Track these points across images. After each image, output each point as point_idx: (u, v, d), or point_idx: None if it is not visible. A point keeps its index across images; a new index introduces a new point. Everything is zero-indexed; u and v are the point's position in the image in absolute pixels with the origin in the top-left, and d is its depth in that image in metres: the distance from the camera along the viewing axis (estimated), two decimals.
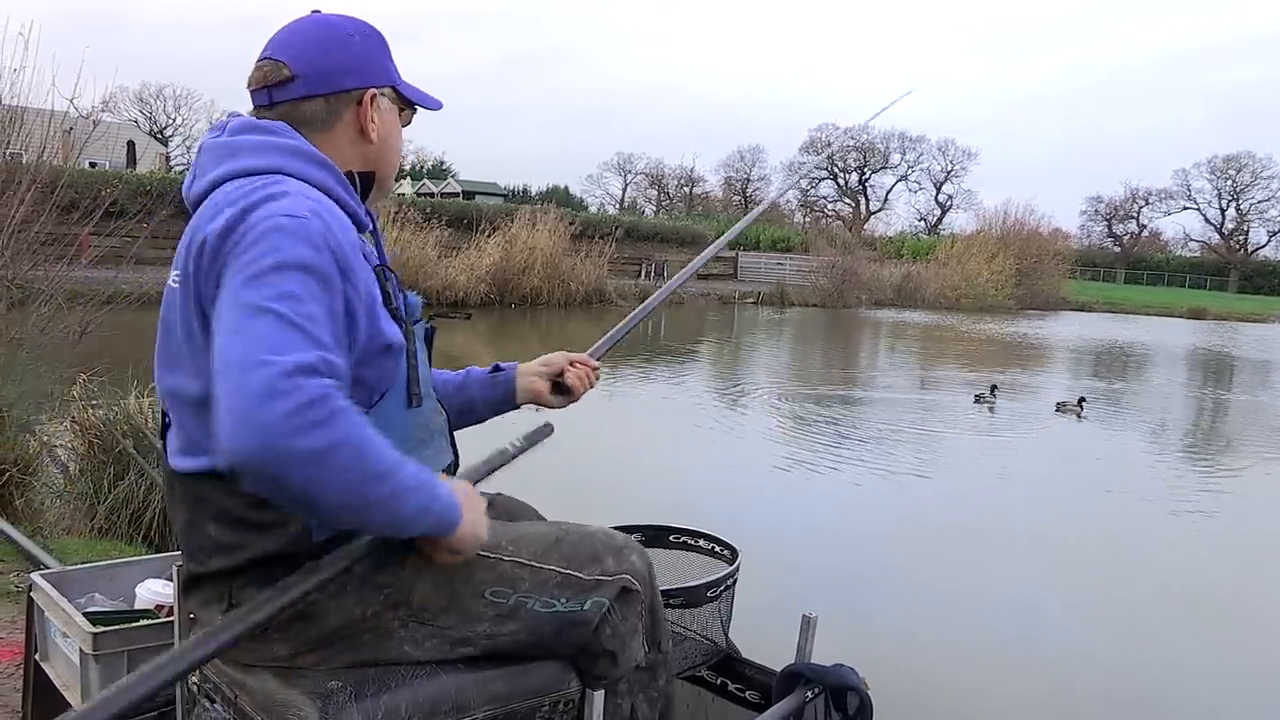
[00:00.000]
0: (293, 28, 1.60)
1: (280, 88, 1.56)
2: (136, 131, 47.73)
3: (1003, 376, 16.89)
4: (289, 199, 1.41)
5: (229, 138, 1.53)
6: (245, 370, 1.24)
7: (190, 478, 1.49)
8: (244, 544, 1.47)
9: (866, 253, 45.85)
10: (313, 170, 1.51)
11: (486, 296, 25.76)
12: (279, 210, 1.38)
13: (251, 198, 1.40)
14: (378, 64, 1.63)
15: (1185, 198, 77.89)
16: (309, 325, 1.30)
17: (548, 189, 69.86)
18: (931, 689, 4.64)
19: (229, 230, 1.37)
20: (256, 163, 1.48)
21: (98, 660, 1.97)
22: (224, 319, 1.31)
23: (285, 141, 1.51)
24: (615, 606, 1.70)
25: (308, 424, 1.22)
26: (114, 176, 20.65)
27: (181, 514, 1.54)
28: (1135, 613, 6.03)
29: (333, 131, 1.58)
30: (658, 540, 2.55)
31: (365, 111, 1.60)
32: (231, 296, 1.32)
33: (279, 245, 1.34)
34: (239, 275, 1.33)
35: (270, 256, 1.33)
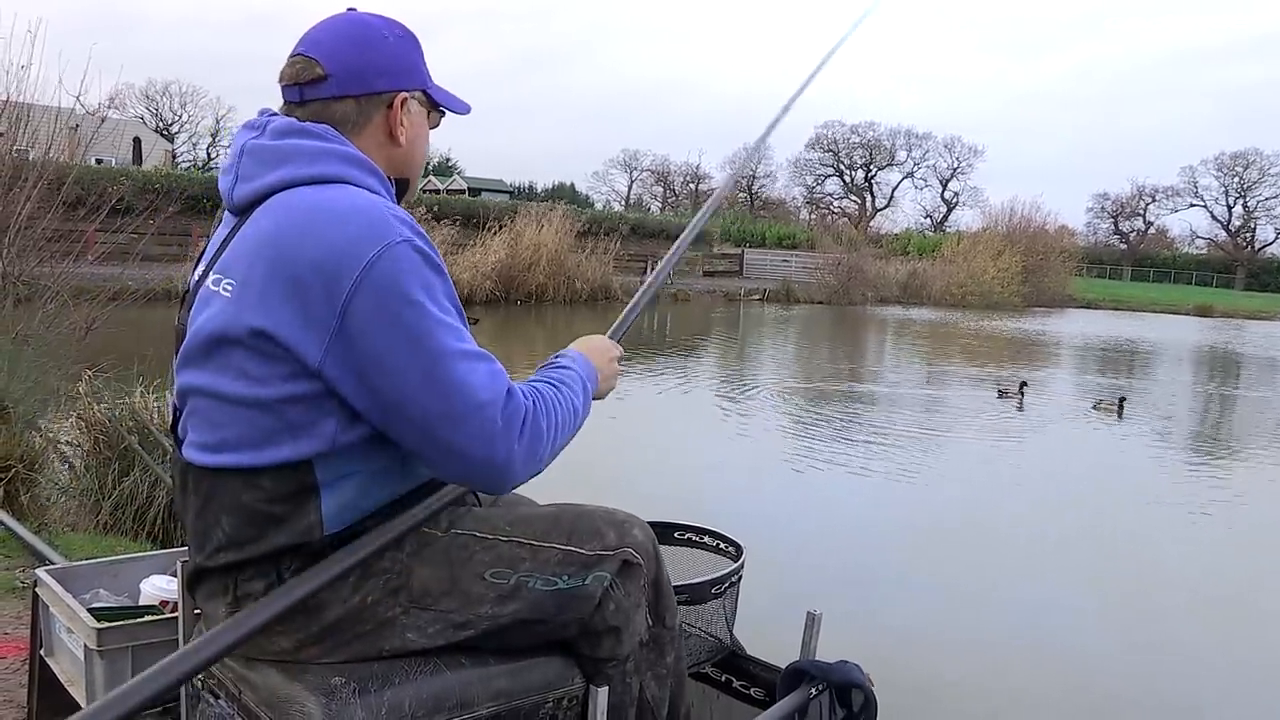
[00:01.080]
0: (328, 25, 1.58)
1: (312, 86, 1.54)
2: (143, 128, 47.83)
3: (1019, 374, 16.84)
4: (380, 218, 1.41)
5: (274, 140, 1.51)
6: (468, 417, 1.40)
7: (208, 472, 1.49)
8: (256, 538, 1.48)
9: (872, 250, 45.87)
10: (363, 176, 1.51)
11: (492, 294, 25.79)
12: (388, 240, 1.39)
13: (344, 229, 1.39)
14: (411, 66, 1.61)
15: (1192, 195, 77.86)
16: (468, 343, 1.44)
17: (554, 186, 70.05)
18: (939, 686, 4.63)
19: (336, 270, 1.37)
20: (312, 170, 1.47)
21: (102, 656, 1.97)
22: (407, 373, 1.38)
23: (335, 147, 1.50)
24: (617, 581, 1.70)
25: (530, 449, 1.46)
26: (120, 173, 20.72)
27: (193, 507, 1.54)
28: (1148, 611, 6.02)
29: (363, 133, 1.57)
30: (663, 537, 2.53)
31: (395, 114, 1.58)
32: (402, 351, 1.38)
33: (414, 283, 1.40)
34: (397, 328, 1.38)
35: (414, 299, 1.39)
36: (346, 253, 1.37)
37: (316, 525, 1.48)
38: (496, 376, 1.44)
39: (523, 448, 1.44)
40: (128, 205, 9.07)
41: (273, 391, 1.42)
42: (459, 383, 1.39)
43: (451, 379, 1.39)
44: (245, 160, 1.52)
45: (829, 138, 78.92)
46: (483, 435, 1.40)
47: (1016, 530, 7.58)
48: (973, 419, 12.58)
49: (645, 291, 2.20)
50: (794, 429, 11.33)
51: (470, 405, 1.39)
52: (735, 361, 18.90)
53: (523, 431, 1.44)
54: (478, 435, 1.40)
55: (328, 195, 1.44)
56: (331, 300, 1.37)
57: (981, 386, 15.79)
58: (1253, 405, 16.51)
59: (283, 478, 1.45)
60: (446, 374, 1.39)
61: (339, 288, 1.36)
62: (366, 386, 1.40)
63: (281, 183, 1.47)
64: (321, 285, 1.37)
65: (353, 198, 1.44)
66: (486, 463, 1.42)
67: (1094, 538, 7.51)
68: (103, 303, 6.88)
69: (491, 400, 1.41)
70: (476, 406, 1.40)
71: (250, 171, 1.51)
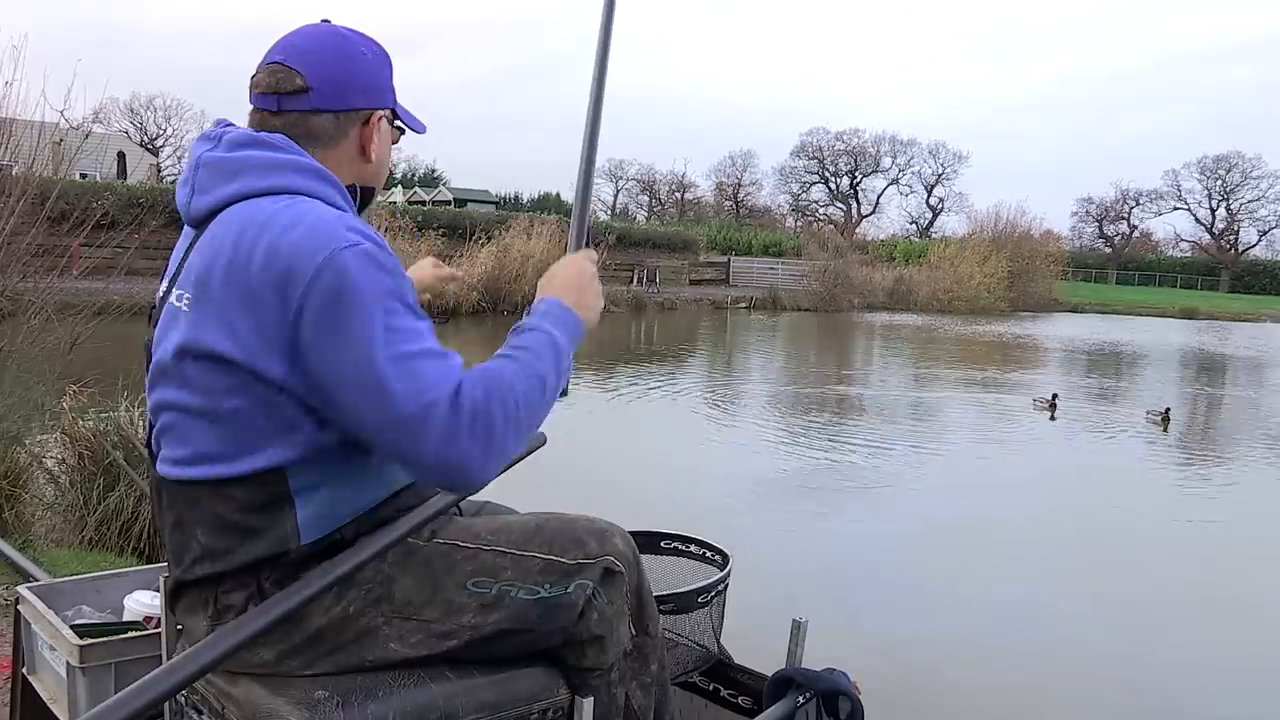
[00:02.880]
0: (306, 35, 1.57)
1: (291, 97, 1.53)
2: (127, 142, 47.63)
3: (1007, 377, 16.88)
4: (329, 225, 1.40)
5: (229, 152, 1.50)
6: (415, 422, 1.34)
7: (182, 485, 1.49)
8: (232, 549, 1.47)
9: (858, 256, 46.00)
10: (323, 187, 1.50)
11: (478, 305, 25.72)
12: (335, 246, 1.37)
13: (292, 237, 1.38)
14: (385, 85, 1.62)
15: (1176, 198, 78.19)
16: (429, 344, 1.40)
17: (539, 196, 69.96)
18: (927, 694, 4.64)
19: (286, 279, 1.36)
20: (269, 183, 1.46)
21: (85, 673, 1.96)
22: (353, 380, 1.36)
23: (290, 158, 1.49)
24: (599, 590, 1.70)
25: (487, 444, 1.38)
26: (104, 187, 20.64)
27: (169, 521, 1.53)
28: (1144, 618, 6.04)
29: (336, 148, 1.56)
30: (649, 546, 2.54)
31: (370, 132, 1.59)
32: (348, 358, 1.35)
33: (360, 288, 1.36)
34: (343, 334, 1.36)
35: (360, 304, 1.36)
36: (295, 263, 1.36)
37: (292, 535, 1.47)
38: (443, 375, 1.38)
39: (477, 444, 1.37)
40: (112, 219, 9.04)
41: (239, 403, 1.42)
42: (401, 388, 1.35)
43: (394, 385, 1.35)
44: (201, 173, 1.51)
45: (814, 145, 79.15)
46: (431, 439, 1.35)
47: (1009, 536, 7.59)
48: (968, 424, 12.61)
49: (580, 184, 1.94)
50: (781, 437, 11.34)
51: (413, 410, 1.35)
52: (722, 369, 18.91)
53: (474, 428, 1.37)
54: (427, 439, 1.35)
55: (278, 207, 1.43)
56: (285, 311, 1.37)
57: (971, 391, 15.84)
58: (1247, 405, 16.61)
59: (255, 488, 1.45)
60: (389, 380, 1.35)
61: (290, 298, 1.36)
62: (323, 396, 1.39)
63: (236, 195, 1.47)
64: (275, 297, 1.37)
65: (302, 209, 1.42)
66: (441, 466, 1.37)
67: (1089, 543, 7.53)
68: (87, 318, 6.85)
69: (433, 401, 1.35)
70: (420, 410, 1.35)
71: (206, 184, 1.50)
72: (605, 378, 15.35)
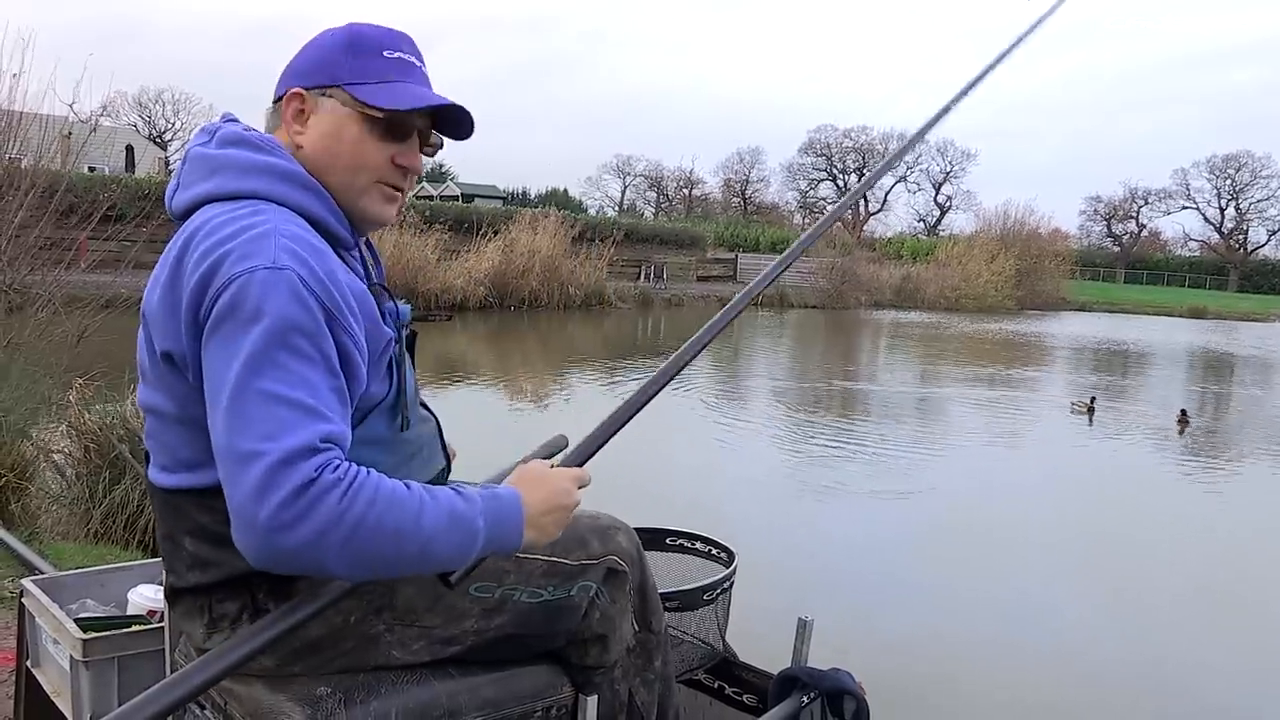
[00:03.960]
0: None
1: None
2: (135, 136, 47.67)
3: (1013, 374, 16.85)
4: (267, 241, 1.33)
5: (215, 149, 1.48)
6: (239, 463, 1.23)
7: (168, 492, 1.47)
8: (220, 560, 1.44)
9: (866, 254, 45.89)
10: (294, 193, 1.44)
11: (485, 300, 25.73)
12: (259, 264, 1.30)
13: (227, 246, 1.33)
14: (318, 62, 1.50)
15: (1184, 197, 77.95)
16: (306, 397, 1.27)
17: (547, 191, 69.90)
18: (933, 693, 4.62)
19: (206, 281, 1.32)
20: (237, 186, 1.43)
21: (88, 667, 1.95)
22: (217, 399, 1.27)
23: (268, 161, 1.45)
24: (603, 589, 1.69)
25: (300, 514, 1.21)
26: (112, 181, 20.67)
27: (162, 527, 1.52)
28: (1151, 615, 6.01)
29: (277, 134, 1.53)
30: (654, 543, 2.54)
31: (285, 114, 1.51)
32: (220, 373, 1.28)
33: (263, 309, 1.28)
34: (226, 348, 1.28)
35: (256, 326, 1.27)
36: (218, 270, 1.32)
37: None
38: (296, 428, 1.24)
39: (290, 514, 1.21)
40: (120, 212, 9.04)
41: (198, 412, 1.35)
42: (253, 423, 1.23)
43: (240, 418, 1.24)
44: (187, 167, 1.50)
45: (821, 142, 79.03)
46: (247, 483, 1.22)
47: (1018, 536, 7.55)
48: (971, 423, 12.57)
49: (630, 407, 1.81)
50: (787, 434, 11.32)
51: (250, 449, 1.22)
52: (729, 366, 18.87)
53: (296, 497, 1.21)
54: (243, 482, 1.22)
55: (234, 214, 1.38)
56: (197, 317, 1.33)
57: (981, 389, 15.81)
58: (1256, 404, 16.55)
59: None
60: (240, 411, 1.25)
61: (204, 305, 1.32)
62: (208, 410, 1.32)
63: (209, 195, 1.44)
64: (195, 302, 1.33)
65: (254, 220, 1.36)
66: (242, 515, 1.23)
67: (1098, 540, 7.50)
68: (94, 311, 6.86)
69: (273, 450, 1.22)
70: (254, 453, 1.22)
71: (188, 180, 1.48)
72: (612, 373, 15.33)
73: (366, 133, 1.48)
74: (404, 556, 1.28)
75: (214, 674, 1.33)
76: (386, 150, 1.50)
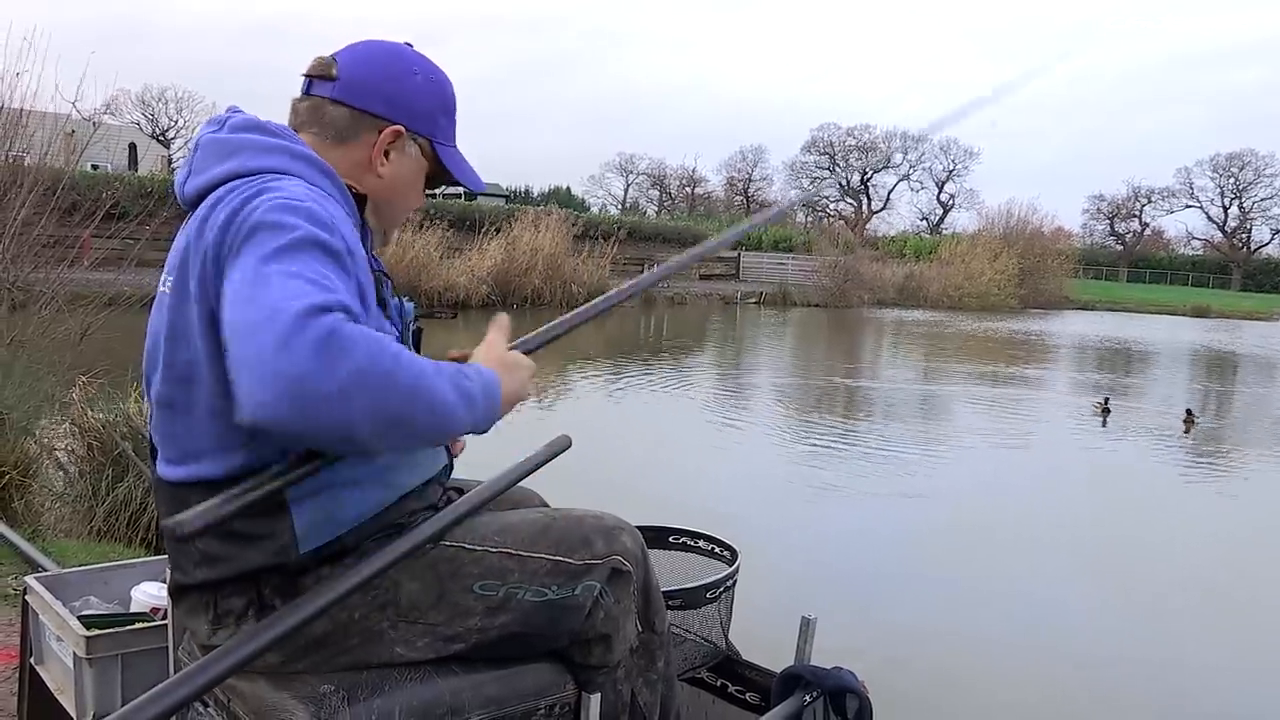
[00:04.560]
0: (373, 43, 1.60)
1: (320, 82, 1.55)
2: (138, 134, 47.74)
3: (1019, 372, 16.83)
4: (289, 189, 1.36)
5: (229, 134, 1.49)
6: (256, 328, 1.16)
7: (176, 486, 1.46)
8: (229, 556, 1.43)
9: (869, 252, 45.86)
10: (315, 175, 1.47)
11: (487, 298, 25.72)
12: (281, 196, 1.33)
13: (248, 191, 1.36)
14: (421, 110, 1.58)
15: (1188, 196, 77.80)
16: (323, 279, 1.23)
17: (549, 190, 69.92)
18: (937, 692, 4.61)
19: (229, 223, 1.32)
20: (259, 163, 1.44)
21: (91, 665, 1.95)
22: (231, 294, 1.24)
23: (289, 145, 1.48)
24: (607, 589, 1.69)
25: (327, 360, 1.14)
26: (115, 178, 20.67)
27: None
28: (1157, 614, 6.00)
29: (343, 146, 1.54)
30: (657, 541, 2.54)
31: (380, 144, 1.55)
32: (239, 274, 1.25)
33: (286, 224, 1.27)
34: (247, 258, 1.25)
35: (279, 238, 1.26)
36: (242, 210, 1.33)
37: (290, 545, 1.43)
38: (311, 291, 1.19)
39: (319, 360, 1.14)
40: (123, 210, 9.05)
41: (219, 397, 1.34)
42: (276, 291, 1.19)
43: (255, 289, 1.21)
44: (199, 154, 1.50)
45: (824, 140, 78.89)
46: (269, 339, 1.15)
47: (1023, 534, 7.53)
48: (972, 421, 12.56)
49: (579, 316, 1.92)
50: (790, 432, 11.32)
51: (274, 306, 1.17)
52: (732, 364, 18.87)
53: (325, 341, 1.15)
54: (264, 340, 1.15)
55: (258, 182, 1.40)
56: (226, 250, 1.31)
57: (981, 386, 15.80)
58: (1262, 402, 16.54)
59: None
60: (253, 283, 1.22)
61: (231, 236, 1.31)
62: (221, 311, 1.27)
63: (228, 175, 1.44)
64: (220, 242, 1.33)
65: (280, 184, 1.38)
66: (261, 371, 1.14)
67: (1103, 540, 7.49)
68: (98, 308, 6.86)
69: (285, 307, 1.17)
70: (280, 308, 1.16)
71: (201, 165, 1.49)
72: (614, 371, 15.33)
73: (423, 182, 1.65)
74: (417, 417, 1.24)
75: (220, 672, 1.30)
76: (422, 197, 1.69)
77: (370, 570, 1.39)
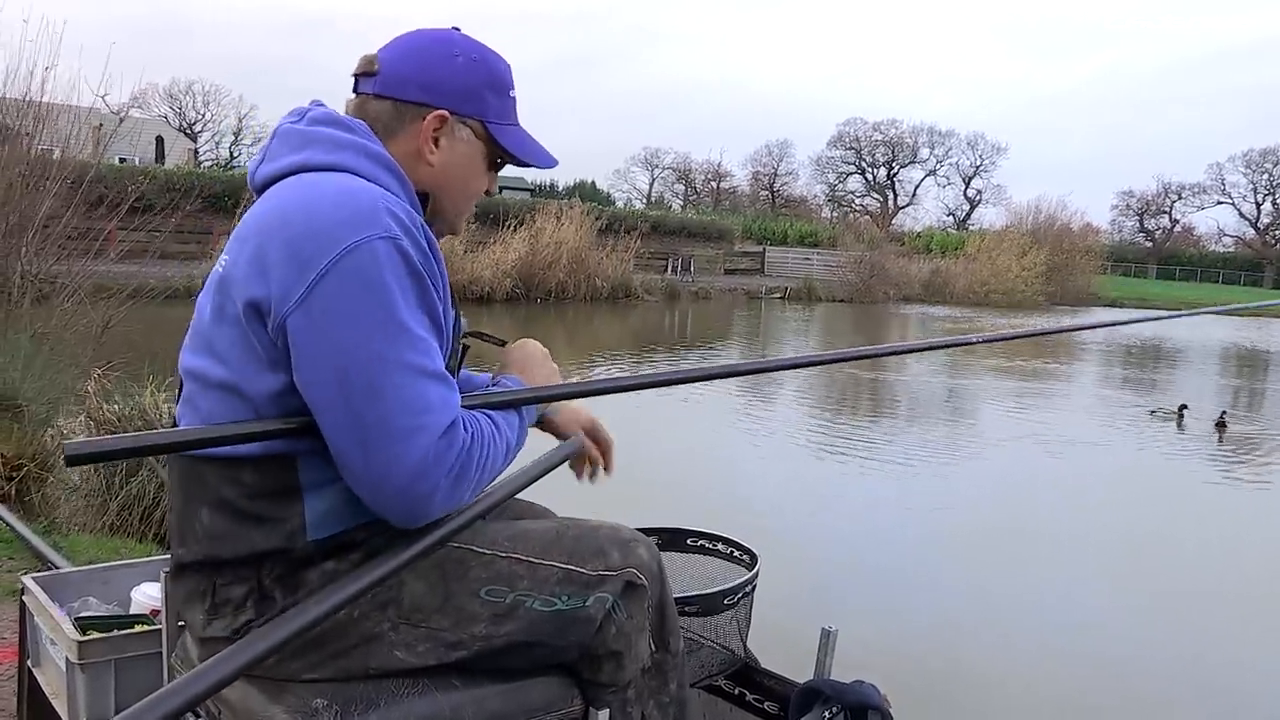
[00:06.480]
0: (418, 33, 1.57)
1: (364, 79, 1.53)
2: (165, 127, 48.06)
3: (1046, 367, 16.65)
4: (376, 207, 1.34)
5: (306, 126, 1.48)
6: (396, 439, 1.29)
7: (193, 461, 1.43)
8: (235, 535, 1.40)
9: (894, 248, 45.69)
10: (382, 175, 1.45)
11: (512, 291, 25.75)
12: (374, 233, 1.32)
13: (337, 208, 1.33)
14: (466, 90, 1.53)
15: (1219, 192, 77.04)
16: (437, 364, 1.35)
17: (575, 183, 69.94)
18: (965, 696, 4.52)
19: (314, 241, 1.31)
20: (329, 158, 1.43)
21: (84, 670, 1.89)
22: (339, 369, 1.29)
23: (363, 143, 1.46)
24: (620, 603, 1.62)
25: (453, 489, 1.34)
26: (141, 172, 20.85)
27: (178, 497, 1.49)
28: (1189, 613, 5.90)
29: (394, 139, 1.51)
30: (674, 543, 2.48)
31: (426, 130, 1.51)
32: (343, 342, 1.29)
33: (385, 278, 1.31)
34: (348, 317, 1.29)
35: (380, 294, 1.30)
36: (327, 235, 1.31)
37: (299, 530, 1.40)
38: (446, 402, 1.34)
39: (448, 483, 1.33)
40: (148, 203, 9.07)
41: (251, 378, 1.36)
42: (401, 396, 1.30)
43: (394, 390, 1.29)
44: (274, 142, 1.51)
45: (851, 135, 78.68)
46: (410, 460, 1.30)
47: (1051, 539, 7.40)
48: (1033, 426, 12.42)
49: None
50: (814, 429, 11.22)
51: (406, 424, 1.30)
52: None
53: (454, 467, 1.33)
54: (405, 459, 1.30)
55: (330, 180, 1.40)
56: (302, 280, 1.30)
57: (1009, 383, 15.64)
58: None
59: (264, 473, 1.39)
60: (390, 383, 1.29)
61: (311, 270, 1.30)
62: (310, 375, 1.32)
63: (298, 166, 1.44)
64: (296, 266, 1.31)
65: (351, 184, 1.38)
66: (406, 491, 1.31)
67: (1141, 547, 7.35)
68: (121, 301, 6.87)
69: (431, 425, 1.31)
70: (413, 428, 1.30)
71: (276, 153, 1.49)
72: (638, 366, 15.27)
73: (484, 166, 1.59)
74: (504, 466, 1.47)
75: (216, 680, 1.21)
76: (487, 179, 1.62)
77: (376, 574, 1.33)
